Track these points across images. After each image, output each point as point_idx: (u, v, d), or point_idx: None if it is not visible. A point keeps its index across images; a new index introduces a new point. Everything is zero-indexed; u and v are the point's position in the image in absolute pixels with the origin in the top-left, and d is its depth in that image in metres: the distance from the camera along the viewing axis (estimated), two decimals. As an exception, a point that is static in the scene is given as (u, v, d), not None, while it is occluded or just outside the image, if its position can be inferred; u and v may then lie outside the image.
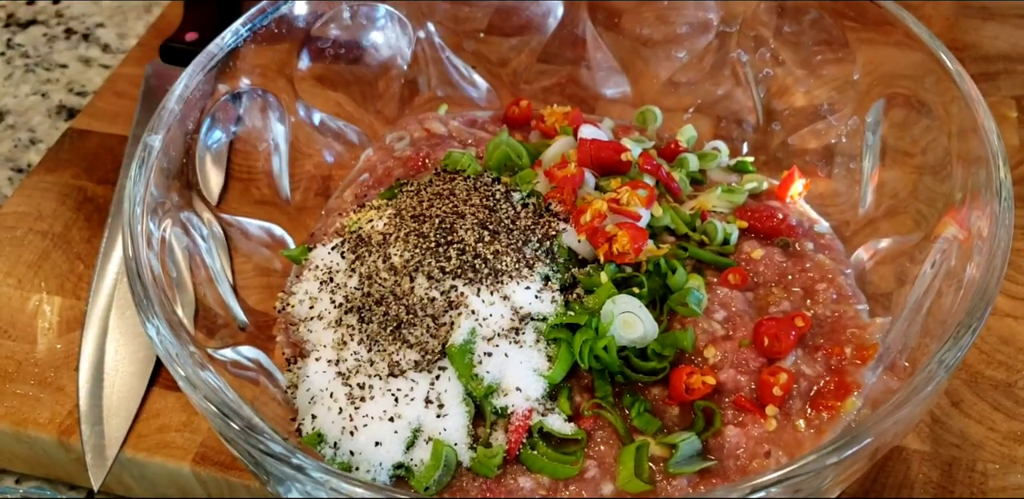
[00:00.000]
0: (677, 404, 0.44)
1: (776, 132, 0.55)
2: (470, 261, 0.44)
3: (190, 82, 0.46)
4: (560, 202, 0.47)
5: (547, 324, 0.44)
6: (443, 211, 0.47)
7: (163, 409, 0.52)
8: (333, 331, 0.45)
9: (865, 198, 0.51)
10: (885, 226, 0.50)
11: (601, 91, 0.60)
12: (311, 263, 0.49)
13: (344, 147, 0.57)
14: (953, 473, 0.46)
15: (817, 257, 0.49)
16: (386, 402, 0.42)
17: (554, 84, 0.60)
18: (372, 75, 0.57)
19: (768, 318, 0.45)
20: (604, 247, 0.45)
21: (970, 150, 0.41)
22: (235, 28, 0.48)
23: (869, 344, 0.45)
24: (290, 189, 0.53)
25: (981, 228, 0.39)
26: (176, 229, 0.45)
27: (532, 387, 0.43)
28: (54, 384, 0.54)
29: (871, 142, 0.50)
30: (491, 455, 0.41)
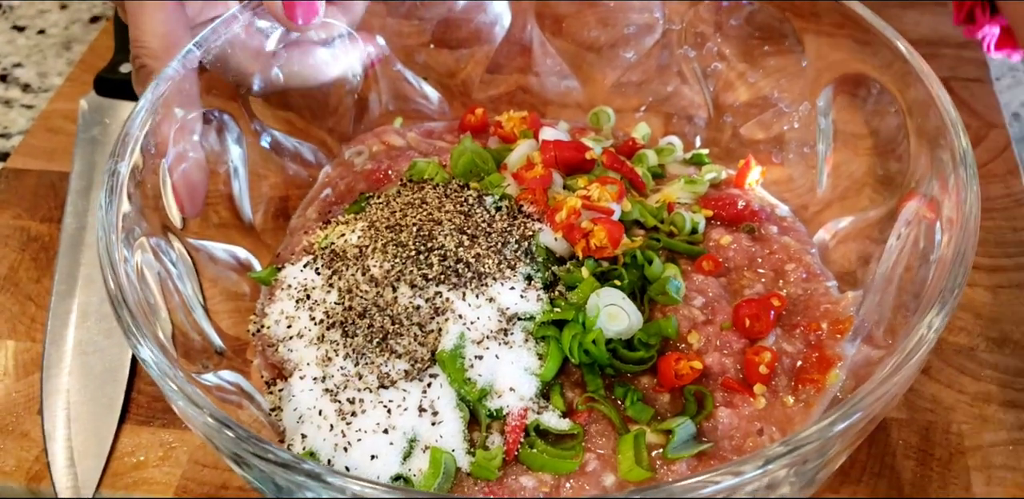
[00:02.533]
0: (667, 391, 0.46)
1: (728, 124, 0.58)
2: (452, 266, 0.46)
3: (150, 106, 0.46)
4: (532, 203, 0.49)
5: (535, 322, 0.45)
6: (419, 219, 0.48)
7: (137, 446, 0.52)
8: (316, 348, 0.46)
9: (822, 181, 0.54)
10: (844, 206, 0.53)
11: (551, 96, 0.62)
12: (283, 283, 0.49)
13: (300, 166, 0.58)
14: (931, 436, 0.49)
15: (783, 239, 0.52)
16: (379, 414, 0.43)
17: (503, 93, 0.62)
18: (323, 92, 0.58)
19: (746, 300, 0.48)
20: (581, 243, 0.47)
21: (927, 124, 0.44)
22: (187, 50, 0.49)
23: (844, 318, 0.48)
24: (251, 211, 0.54)
25: (948, 198, 0.41)
26: (147, 256, 0.45)
27: (525, 386, 0.44)
28: (16, 430, 0.53)
29: (823, 126, 0.53)
30: (491, 457, 0.43)
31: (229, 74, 0.52)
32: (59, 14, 0.87)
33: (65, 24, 0.86)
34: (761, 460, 0.33)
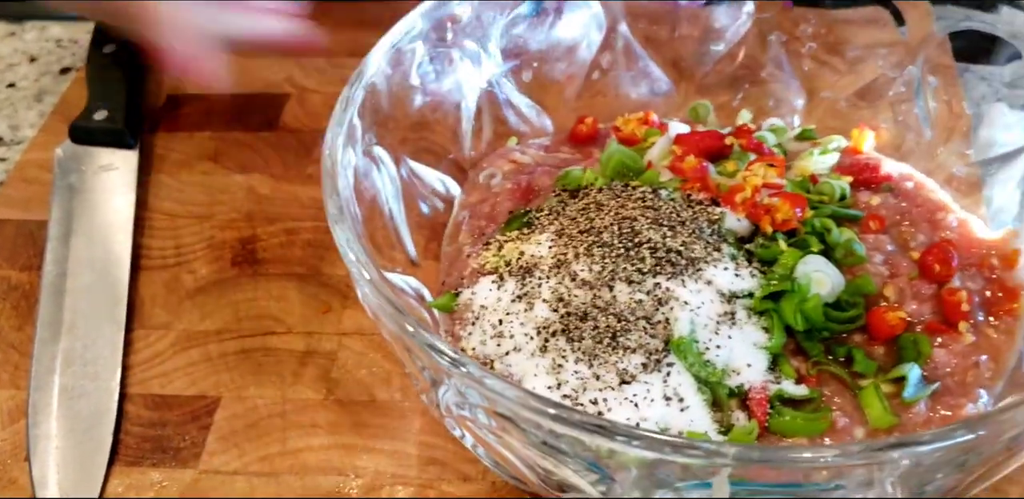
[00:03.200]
0: (882, 343, 0.47)
1: (826, 99, 0.61)
2: (665, 256, 0.47)
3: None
4: (701, 190, 0.51)
5: (755, 298, 0.46)
6: (612, 219, 0.49)
7: (128, 486, 0.52)
8: (541, 358, 0.45)
9: (927, 134, 0.57)
10: (962, 154, 0.56)
11: (642, 96, 0.63)
12: (471, 306, 0.49)
13: (434, 196, 0.58)
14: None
15: (922, 193, 0.54)
16: (626, 410, 0.43)
17: (592, 100, 0.63)
18: (442, 120, 0.58)
19: (929, 247, 0.50)
20: (766, 219, 0.49)
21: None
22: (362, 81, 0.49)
23: (1009, 251, 0.50)
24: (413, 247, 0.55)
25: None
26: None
27: (758, 361, 0.45)
28: (4, 477, 0.53)
29: (932, 85, 0.56)
30: (748, 431, 0.43)
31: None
32: (28, 67, 0.85)
33: (35, 76, 0.84)
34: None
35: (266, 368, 0.57)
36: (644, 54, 0.61)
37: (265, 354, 0.58)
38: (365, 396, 0.55)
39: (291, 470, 0.52)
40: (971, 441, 0.32)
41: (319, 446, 0.53)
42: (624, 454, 0.35)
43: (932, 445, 0.32)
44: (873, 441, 0.33)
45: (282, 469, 0.52)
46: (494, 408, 0.38)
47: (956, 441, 0.32)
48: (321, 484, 0.51)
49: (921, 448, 0.32)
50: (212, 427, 0.54)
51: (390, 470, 0.51)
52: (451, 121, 0.58)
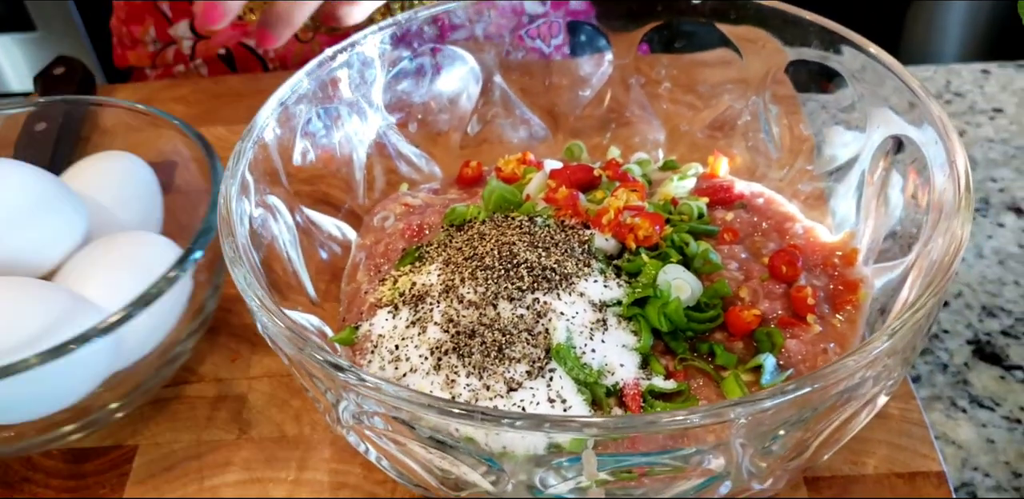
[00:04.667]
0: (740, 339, 0.54)
1: (686, 132, 0.69)
2: (541, 274, 0.53)
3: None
4: (571, 217, 0.57)
5: (623, 305, 0.53)
6: (493, 245, 0.55)
7: None
8: (435, 376, 0.50)
9: (777, 157, 0.65)
10: (805, 171, 0.64)
11: (520, 141, 0.70)
12: (369, 337, 0.54)
13: (330, 241, 0.63)
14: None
15: (771, 207, 0.62)
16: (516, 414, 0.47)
17: (476, 146, 0.70)
18: (338, 170, 0.64)
19: (776, 252, 0.57)
20: (630, 237, 0.55)
21: (876, 87, 0.56)
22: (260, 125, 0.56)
23: (849, 249, 0.58)
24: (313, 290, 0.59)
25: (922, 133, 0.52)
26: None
27: (630, 361, 0.51)
28: None
29: (773, 113, 0.64)
30: None
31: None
32: None
33: None
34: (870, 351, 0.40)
35: (180, 415, 0.61)
36: (520, 103, 0.69)
37: (179, 402, 0.61)
38: (276, 433, 0.59)
39: (209, 507, 0.56)
40: (803, 394, 0.38)
41: (235, 481, 0.57)
42: (503, 440, 0.40)
43: (769, 401, 0.38)
44: (716, 403, 0.39)
45: (200, 507, 0.56)
46: (389, 413, 0.43)
47: (788, 397, 0.38)
48: (238, 517, 0.55)
49: (759, 405, 0.38)
50: (131, 473, 0.58)
51: (304, 496, 0.55)
52: (344, 172, 0.64)
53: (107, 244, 0.57)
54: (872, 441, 0.54)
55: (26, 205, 0.55)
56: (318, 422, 0.59)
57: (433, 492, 0.48)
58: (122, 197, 0.62)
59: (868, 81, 0.56)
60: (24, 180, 0.57)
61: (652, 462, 0.40)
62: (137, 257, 0.56)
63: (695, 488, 0.44)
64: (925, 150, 0.52)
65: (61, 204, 0.57)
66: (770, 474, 0.44)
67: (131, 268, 0.55)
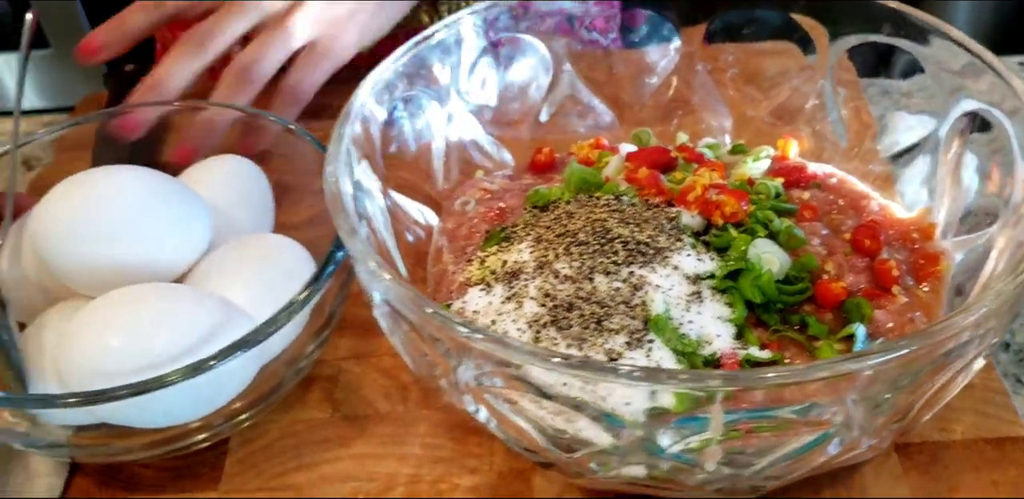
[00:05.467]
0: (829, 310, 0.56)
1: (752, 118, 0.71)
2: (636, 248, 0.55)
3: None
4: (655, 195, 0.59)
5: (717, 277, 0.55)
6: (584, 222, 0.57)
7: None
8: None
9: (845, 139, 0.68)
10: (871, 154, 0.66)
11: (584, 130, 0.72)
12: (464, 313, 0.56)
13: (415, 225, 0.65)
14: None
15: (845, 186, 0.64)
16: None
17: (543, 136, 0.72)
18: (421, 159, 0.66)
19: (859, 226, 0.59)
20: (717, 213, 0.58)
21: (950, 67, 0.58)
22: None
23: (926, 224, 0.60)
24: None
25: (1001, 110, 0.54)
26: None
27: (726, 332, 0.53)
28: None
29: (840, 97, 0.67)
30: None
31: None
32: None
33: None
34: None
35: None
36: (588, 91, 0.71)
37: (269, 384, 0.64)
38: (369, 410, 0.61)
39: (309, 482, 0.57)
40: (914, 351, 0.40)
41: (332, 458, 0.58)
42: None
43: (882, 356, 0.40)
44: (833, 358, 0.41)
45: (301, 482, 0.57)
46: (511, 372, 0.45)
47: (900, 353, 0.40)
48: (340, 491, 0.57)
49: (872, 360, 0.40)
50: (228, 453, 0.59)
51: (402, 471, 0.57)
52: (423, 159, 0.66)
53: (237, 248, 0.59)
54: (958, 409, 0.56)
55: (155, 209, 0.56)
56: (409, 399, 0.61)
57: (542, 454, 0.50)
58: (238, 200, 0.63)
59: (942, 61, 0.58)
60: (151, 185, 0.58)
61: (775, 416, 0.42)
62: (270, 260, 0.58)
63: (805, 447, 0.46)
64: (1006, 127, 0.54)
65: (188, 208, 0.58)
66: (876, 434, 0.46)
67: (267, 272, 0.58)
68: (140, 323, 0.52)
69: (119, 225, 0.56)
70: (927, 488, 0.53)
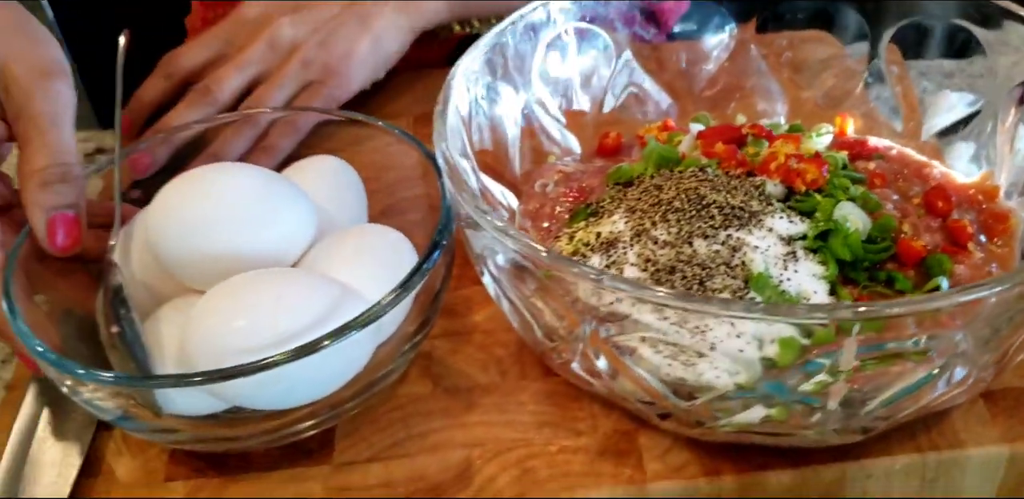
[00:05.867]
0: (911, 267, 0.59)
1: (807, 98, 0.75)
2: (731, 212, 0.58)
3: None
4: (736, 166, 0.63)
5: (809, 238, 0.59)
6: (676, 191, 0.60)
7: (263, 489, 0.59)
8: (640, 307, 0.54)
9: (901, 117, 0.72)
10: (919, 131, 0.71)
11: (644, 116, 0.76)
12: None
13: (501, 208, 0.68)
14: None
15: (906, 157, 0.69)
16: (725, 328, 0.52)
17: (606, 122, 0.76)
18: (498, 144, 0.69)
19: (930, 189, 0.64)
20: (798, 180, 0.61)
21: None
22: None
23: (989, 187, 0.65)
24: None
25: None
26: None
27: (821, 289, 0.57)
28: None
29: (890, 77, 0.71)
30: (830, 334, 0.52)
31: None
32: None
33: None
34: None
35: (371, 375, 0.65)
36: (648, 79, 0.75)
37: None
38: (469, 383, 0.63)
39: (421, 450, 0.60)
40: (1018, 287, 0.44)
41: (441, 427, 0.61)
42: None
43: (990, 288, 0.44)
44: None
45: (413, 451, 0.60)
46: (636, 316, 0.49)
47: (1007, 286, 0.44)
48: (452, 458, 0.59)
49: (981, 292, 0.44)
50: (336, 429, 0.62)
51: (511, 436, 0.59)
52: (500, 144, 0.69)
53: (342, 237, 0.62)
54: (1036, 357, 0.59)
55: (265, 202, 0.59)
56: (508, 372, 0.63)
57: (660, 405, 0.53)
58: (334, 194, 0.66)
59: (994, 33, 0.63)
60: (259, 180, 0.61)
61: (902, 347, 0.45)
62: (375, 246, 0.61)
63: (917, 384, 0.49)
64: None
65: (295, 200, 0.61)
66: (981, 371, 0.50)
67: (374, 257, 0.60)
68: (262, 303, 0.54)
69: (233, 217, 0.59)
70: (1015, 430, 0.56)
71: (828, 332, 0.50)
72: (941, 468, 0.56)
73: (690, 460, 0.57)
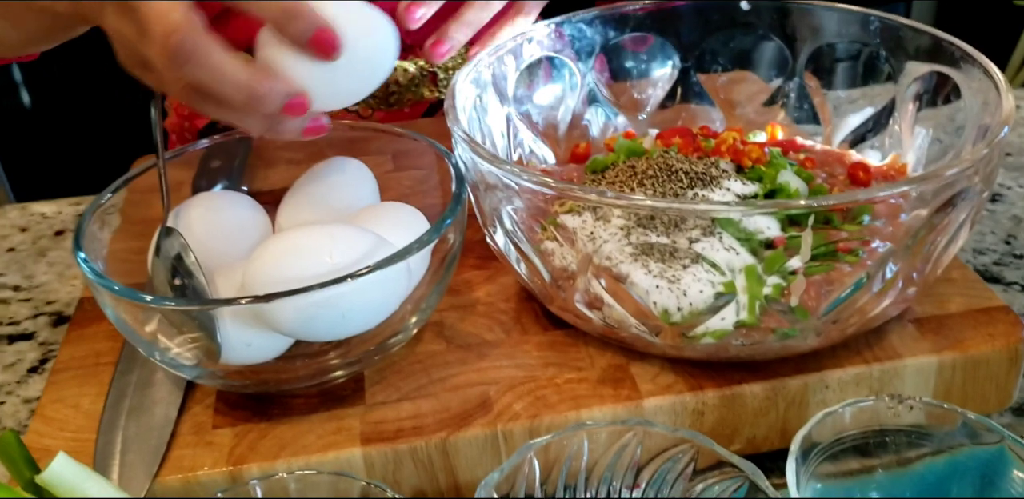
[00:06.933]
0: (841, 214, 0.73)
1: (742, 115, 0.91)
2: (696, 176, 0.72)
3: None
4: (693, 151, 0.78)
5: (759, 196, 0.73)
6: (649, 164, 0.74)
7: (309, 432, 0.67)
8: (627, 240, 0.66)
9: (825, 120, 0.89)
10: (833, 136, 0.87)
11: (607, 133, 0.91)
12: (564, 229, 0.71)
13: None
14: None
15: (828, 149, 0.84)
16: (696, 270, 0.65)
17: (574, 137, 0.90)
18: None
19: (853, 164, 0.80)
20: (745, 158, 0.76)
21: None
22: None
23: (899, 165, 0.80)
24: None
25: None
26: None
27: (774, 225, 0.68)
28: None
29: (808, 90, 0.87)
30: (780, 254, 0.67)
31: None
32: (22, 235, 1.06)
33: (32, 240, 1.04)
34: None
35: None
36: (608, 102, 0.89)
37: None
38: (478, 340, 0.73)
39: (444, 390, 0.69)
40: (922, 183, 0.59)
41: (458, 373, 0.71)
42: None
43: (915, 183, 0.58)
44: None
45: (436, 391, 0.69)
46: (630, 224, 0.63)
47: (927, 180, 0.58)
48: (471, 394, 0.68)
49: (903, 186, 0.58)
50: (364, 380, 0.71)
51: (520, 374, 0.69)
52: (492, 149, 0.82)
53: (373, 210, 0.74)
54: (949, 294, 0.73)
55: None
56: (512, 331, 0.73)
57: (651, 323, 0.64)
58: (352, 193, 0.77)
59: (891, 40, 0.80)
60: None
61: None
62: (396, 216, 0.73)
63: (856, 286, 0.61)
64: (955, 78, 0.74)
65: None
66: (905, 275, 0.62)
67: (398, 222, 0.71)
68: (314, 242, 0.65)
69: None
70: (941, 343, 0.68)
71: (779, 253, 0.63)
72: (884, 377, 0.68)
73: (677, 380, 0.68)
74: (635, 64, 0.92)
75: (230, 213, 0.75)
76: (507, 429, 0.66)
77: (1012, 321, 0.70)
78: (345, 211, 0.75)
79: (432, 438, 0.65)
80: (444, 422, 0.67)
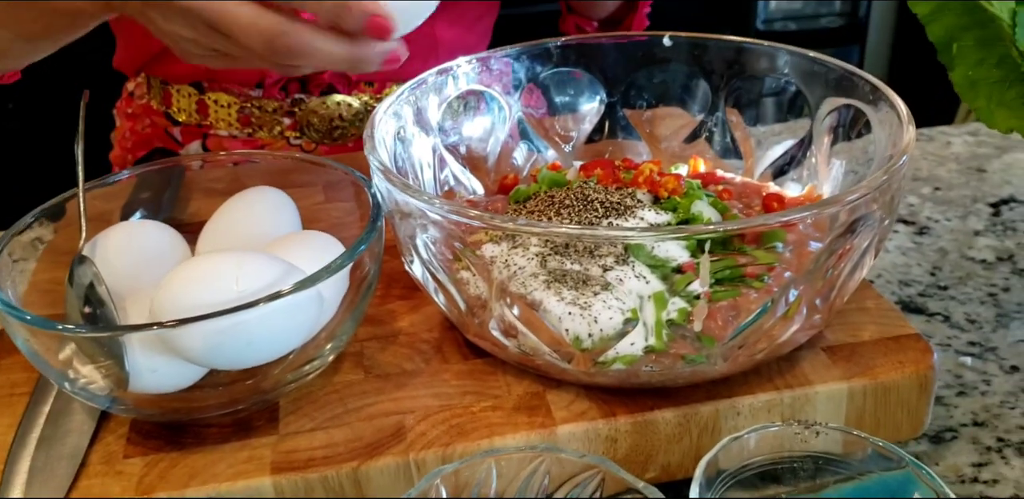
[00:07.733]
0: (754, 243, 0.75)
1: (665, 149, 0.93)
2: (611, 206, 0.75)
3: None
4: (613, 183, 0.80)
5: (672, 224, 0.75)
6: (567, 193, 0.76)
7: (219, 461, 0.67)
8: (543, 269, 0.68)
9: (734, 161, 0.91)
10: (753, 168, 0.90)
11: (535, 164, 0.93)
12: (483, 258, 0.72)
13: None
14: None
15: (747, 182, 0.87)
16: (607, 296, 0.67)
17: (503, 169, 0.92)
18: (414, 182, 0.83)
19: (767, 195, 0.82)
20: (662, 190, 0.79)
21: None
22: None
23: (815, 196, 0.83)
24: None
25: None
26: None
27: (683, 255, 0.70)
28: None
29: (729, 125, 0.90)
30: (688, 279, 0.69)
31: None
32: None
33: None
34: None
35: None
36: (537, 135, 0.90)
37: (303, 362, 0.76)
38: (398, 370, 0.74)
39: (358, 419, 0.69)
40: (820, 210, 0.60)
41: (375, 402, 0.71)
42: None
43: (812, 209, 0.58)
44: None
45: (351, 421, 0.69)
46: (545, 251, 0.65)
47: (823, 207, 0.59)
48: (386, 423, 0.68)
49: (806, 211, 0.59)
50: (279, 409, 0.70)
51: (436, 403, 0.70)
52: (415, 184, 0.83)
53: (289, 239, 0.75)
54: (862, 322, 0.75)
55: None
56: (432, 360, 0.74)
57: (563, 350, 0.65)
58: (274, 219, 0.79)
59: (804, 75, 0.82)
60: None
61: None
62: (312, 244, 0.74)
63: (761, 311, 0.62)
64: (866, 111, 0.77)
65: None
66: (809, 300, 0.63)
67: (314, 250, 0.72)
68: (220, 269, 0.65)
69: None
70: (852, 370, 0.70)
71: (686, 276, 0.65)
72: (796, 404, 0.69)
73: (590, 407, 0.69)
74: (564, 98, 0.94)
75: (147, 242, 0.76)
76: (419, 458, 0.66)
77: (923, 348, 0.72)
78: (263, 239, 0.76)
79: (343, 467, 0.65)
80: (356, 451, 0.67)
